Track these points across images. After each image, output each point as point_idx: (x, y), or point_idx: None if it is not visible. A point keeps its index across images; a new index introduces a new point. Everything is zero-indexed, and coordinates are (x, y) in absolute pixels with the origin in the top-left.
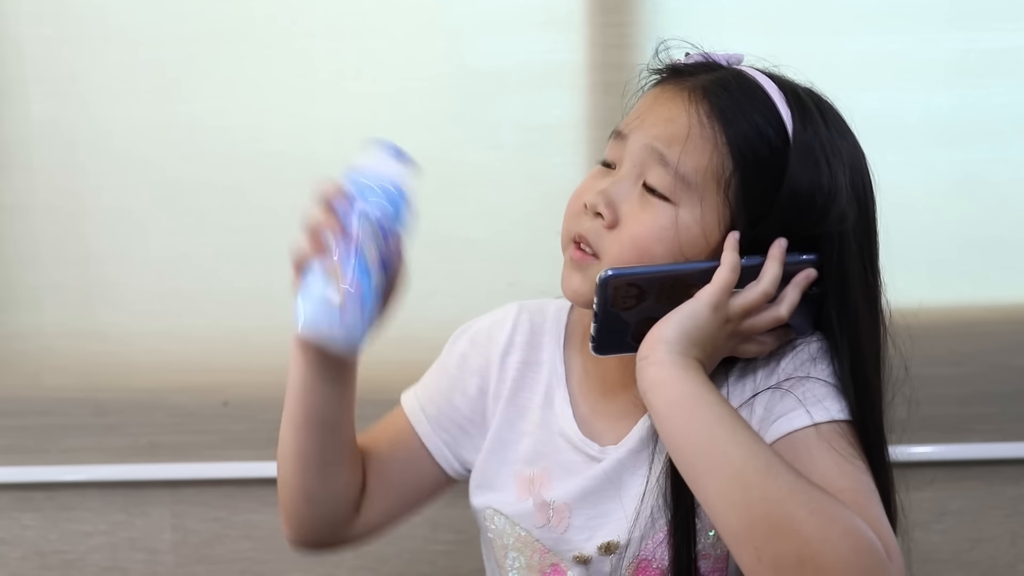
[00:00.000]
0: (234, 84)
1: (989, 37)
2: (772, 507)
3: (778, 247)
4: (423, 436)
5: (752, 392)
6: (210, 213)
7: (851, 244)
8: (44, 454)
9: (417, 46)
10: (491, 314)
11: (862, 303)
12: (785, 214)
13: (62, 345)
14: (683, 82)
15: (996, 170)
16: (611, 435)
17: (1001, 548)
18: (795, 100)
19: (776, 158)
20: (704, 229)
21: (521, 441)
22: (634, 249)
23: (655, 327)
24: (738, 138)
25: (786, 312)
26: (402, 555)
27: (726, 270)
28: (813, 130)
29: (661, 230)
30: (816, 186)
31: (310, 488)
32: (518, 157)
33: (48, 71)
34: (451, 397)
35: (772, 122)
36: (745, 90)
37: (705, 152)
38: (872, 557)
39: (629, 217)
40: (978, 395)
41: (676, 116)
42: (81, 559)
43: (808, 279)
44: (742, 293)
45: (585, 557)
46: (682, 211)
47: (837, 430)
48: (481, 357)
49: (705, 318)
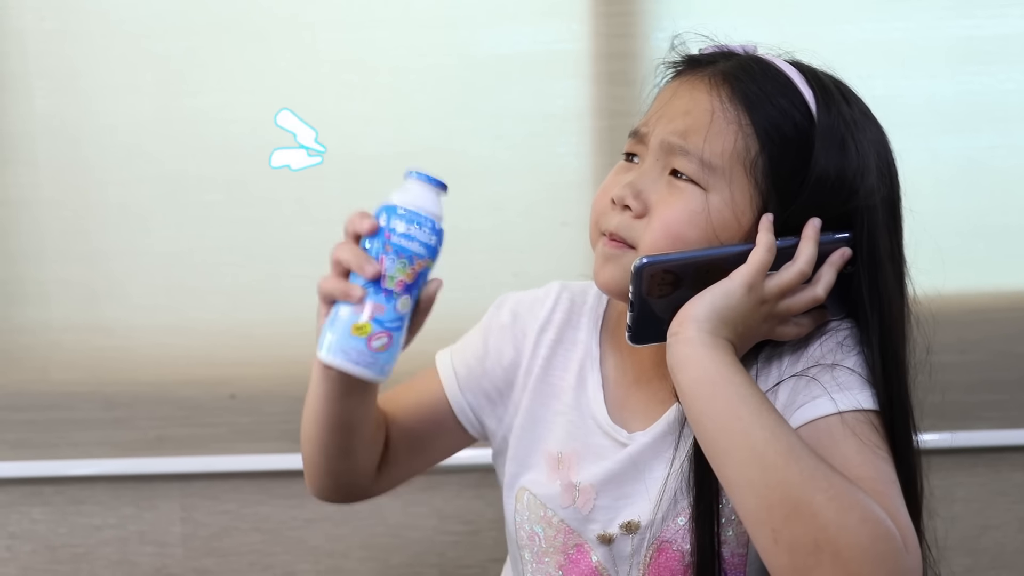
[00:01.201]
0: (237, 77)
1: (993, 23)
2: (791, 490)
3: (812, 227)
4: (449, 394)
5: (778, 378)
6: (214, 207)
7: (880, 221)
8: (53, 448)
9: (420, 37)
10: (534, 290)
11: (892, 280)
12: (816, 194)
13: (69, 340)
14: (702, 71)
15: (1001, 156)
16: (640, 422)
17: (1009, 535)
18: (816, 81)
19: (802, 137)
20: (735, 211)
21: (556, 421)
22: (667, 235)
23: (687, 304)
24: (762, 119)
25: (823, 292)
26: (410, 546)
27: (762, 250)
28: (837, 109)
29: (692, 214)
30: (844, 164)
31: (332, 468)
32: (522, 147)
33: (51, 66)
34: (484, 362)
35: (796, 103)
36: (766, 73)
37: (729, 135)
38: (888, 544)
39: (659, 204)
40: (985, 382)
41: (695, 106)
42: (91, 552)
43: (844, 258)
44: (778, 274)
45: (608, 536)
46: (712, 195)
47: (862, 418)
48: (520, 330)
49: (739, 298)
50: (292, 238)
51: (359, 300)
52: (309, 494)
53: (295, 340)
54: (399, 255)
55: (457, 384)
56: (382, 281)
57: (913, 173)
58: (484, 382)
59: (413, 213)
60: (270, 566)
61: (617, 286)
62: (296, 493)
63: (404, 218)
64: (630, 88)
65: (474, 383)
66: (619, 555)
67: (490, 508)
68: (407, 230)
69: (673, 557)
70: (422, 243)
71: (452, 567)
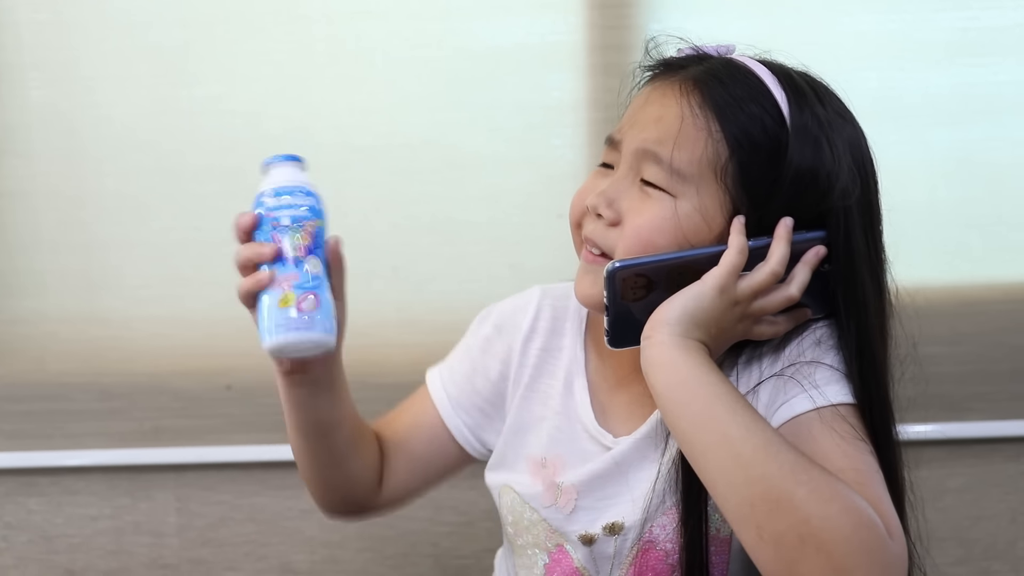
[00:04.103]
0: (233, 68)
1: (989, 15)
2: (772, 485)
3: (784, 227)
4: (444, 416)
5: (759, 379)
6: (210, 197)
7: (856, 220)
8: (49, 439)
9: (415, 29)
10: (514, 298)
11: (868, 279)
12: (789, 195)
13: (65, 331)
14: (673, 76)
15: (995, 149)
16: (625, 426)
17: (1001, 526)
18: (788, 83)
19: (773, 141)
20: (705, 216)
21: (540, 426)
22: (638, 242)
23: (658, 309)
24: (732, 124)
25: (797, 291)
26: (406, 536)
27: (733, 252)
28: (810, 110)
29: (662, 220)
30: (818, 165)
31: (327, 479)
32: (518, 139)
33: (47, 57)
34: (473, 380)
35: (766, 105)
36: (736, 77)
37: (699, 142)
38: (871, 533)
39: (630, 212)
40: (977, 374)
41: (666, 113)
42: (87, 543)
43: (818, 256)
44: (750, 275)
45: (590, 536)
46: (681, 202)
47: (840, 413)
48: (504, 343)
49: (710, 300)
50: None
51: (271, 279)
52: (305, 485)
53: None
54: (286, 226)
55: (451, 406)
56: (283, 255)
57: (907, 165)
58: (476, 399)
59: (279, 188)
60: (265, 556)
61: (594, 300)
62: (291, 484)
63: (273, 194)
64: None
65: (466, 401)
66: (600, 556)
67: (484, 499)
68: (280, 202)
69: (657, 557)
70: (300, 207)
71: (447, 557)
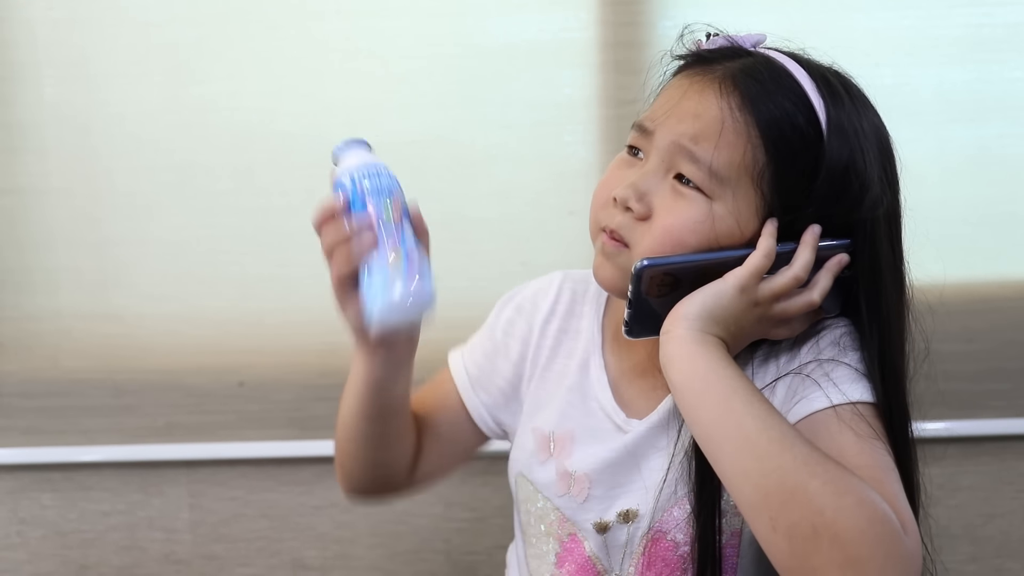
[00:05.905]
0: (245, 66)
1: (1003, 12)
2: (786, 477)
3: (811, 233)
4: (464, 395)
5: (775, 376)
6: (223, 195)
7: (882, 229)
8: (62, 435)
9: (427, 25)
10: (536, 281)
11: (890, 285)
12: (821, 201)
13: (78, 328)
14: (711, 71)
15: (1010, 145)
16: (639, 408)
17: (1014, 523)
18: (825, 86)
19: (809, 147)
20: (739, 220)
21: (551, 402)
22: (668, 240)
23: (679, 304)
24: (771, 130)
25: (818, 297)
26: (417, 532)
27: (759, 255)
28: (845, 115)
29: (696, 223)
30: (851, 172)
31: (375, 460)
32: (530, 136)
33: (60, 55)
34: (494, 361)
35: (804, 111)
36: (776, 79)
37: (738, 147)
38: (885, 527)
39: (662, 209)
40: (991, 371)
41: (706, 110)
42: (100, 538)
43: (840, 264)
44: (773, 278)
45: (604, 524)
46: (716, 204)
47: (857, 411)
48: (525, 324)
49: (730, 298)
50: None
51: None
52: (317, 481)
53: (303, 328)
54: (380, 197)
55: (470, 384)
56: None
57: (921, 162)
58: (496, 379)
59: (364, 166)
60: (278, 552)
61: (616, 285)
62: (304, 480)
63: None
64: (637, 77)
65: (486, 380)
66: (613, 545)
67: (496, 495)
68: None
69: (667, 547)
70: (389, 180)
71: (458, 553)
